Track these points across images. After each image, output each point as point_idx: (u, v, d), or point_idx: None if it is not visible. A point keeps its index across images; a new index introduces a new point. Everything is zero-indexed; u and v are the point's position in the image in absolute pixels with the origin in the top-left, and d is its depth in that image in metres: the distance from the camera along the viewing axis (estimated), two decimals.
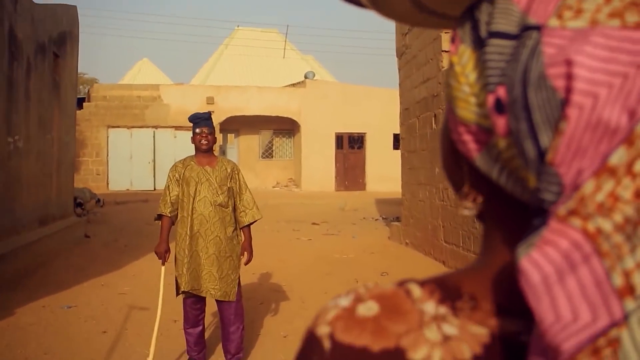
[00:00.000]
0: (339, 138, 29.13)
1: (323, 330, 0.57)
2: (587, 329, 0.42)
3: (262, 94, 28.31)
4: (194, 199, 5.18)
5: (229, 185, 5.29)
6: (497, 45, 0.52)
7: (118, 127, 25.90)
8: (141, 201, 21.94)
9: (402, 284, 0.58)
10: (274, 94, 28.52)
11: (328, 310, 0.58)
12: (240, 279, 5.47)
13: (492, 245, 0.58)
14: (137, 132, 26.57)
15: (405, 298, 0.56)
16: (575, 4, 0.48)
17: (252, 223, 5.40)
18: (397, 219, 17.25)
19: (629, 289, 0.41)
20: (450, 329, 0.54)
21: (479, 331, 0.53)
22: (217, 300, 5.29)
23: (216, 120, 26.98)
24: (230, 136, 29.84)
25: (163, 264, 5.24)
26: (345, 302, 0.58)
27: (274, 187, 29.69)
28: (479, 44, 0.54)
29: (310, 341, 0.58)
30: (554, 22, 0.48)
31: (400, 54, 13.15)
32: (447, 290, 0.57)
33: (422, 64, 11.26)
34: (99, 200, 16.78)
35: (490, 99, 0.51)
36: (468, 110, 0.55)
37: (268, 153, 30.52)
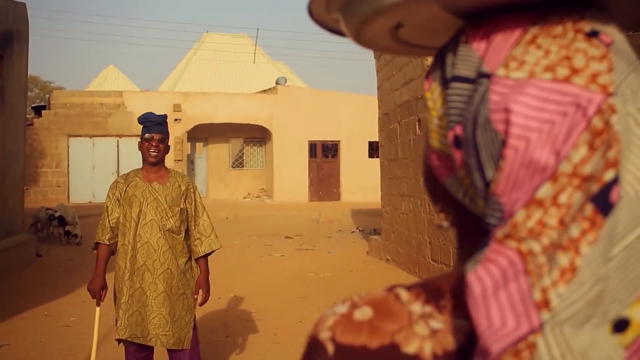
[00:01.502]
0: (312, 146, 28.39)
1: (325, 335, 0.64)
2: (512, 334, 0.51)
3: (232, 100, 27.39)
4: (137, 223, 4.23)
5: (182, 207, 4.35)
6: (457, 87, 0.60)
7: (79, 136, 24.72)
8: None
9: (391, 289, 0.66)
10: (244, 100, 27.63)
11: (327, 317, 0.66)
12: (196, 319, 4.47)
13: (462, 254, 0.68)
14: (99, 141, 25.49)
15: (394, 301, 0.64)
16: (520, 55, 0.57)
17: (209, 254, 4.46)
18: (375, 232, 16.49)
19: (545, 303, 0.51)
20: (436, 324, 0.62)
21: (461, 324, 0.61)
22: (168, 349, 4.28)
23: (184, 128, 25.99)
24: (199, 145, 28.91)
25: (98, 304, 4.19)
26: (342, 309, 0.65)
27: (245, 198, 28.88)
28: (444, 85, 0.63)
29: (314, 346, 0.65)
30: (501, 71, 0.57)
31: (378, 55, 12.22)
32: (430, 291, 0.65)
33: (404, 65, 10.33)
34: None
35: (450, 135, 0.61)
36: (438, 140, 0.65)
37: (238, 162, 29.70)
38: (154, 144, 4.18)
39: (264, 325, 7.21)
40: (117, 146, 25.65)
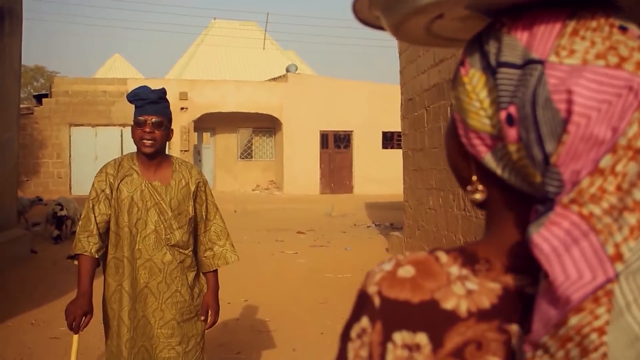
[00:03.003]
0: (324, 137, 27.41)
1: (372, 289, 0.73)
2: (590, 284, 0.60)
3: (241, 88, 26.40)
4: (136, 235, 3.30)
5: (191, 214, 3.41)
6: (505, 72, 0.69)
7: (82, 125, 23.75)
8: None
9: (431, 252, 0.75)
10: (253, 88, 26.63)
11: (375, 274, 0.75)
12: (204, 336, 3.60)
13: (496, 223, 0.76)
14: (102, 130, 24.53)
15: (435, 263, 0.73)
16: (568, 45, 0.66)
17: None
18: (393, 227, 15.59)
19: (619, 256, 0.60)
20: (472, 285, 0.71)
21: (494, 286, 0.71)
22: None
23: (190, 117, 25.08)
24: (206, 135, 28.04)
25: (76, 332, 3.22)
26: (388, 267, 0.74)
27: (253, 190, 27.99)
28: (488, 70, 0.71)
29: (363, 298, 0.74)
30: (553, 58, 0.66)
31: None
32: (466, 256, 0.74)
33: None
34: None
35: (503, 114, 0.69)
36: (478, 121, 0.73)
37: (247, 153, 28.79)
38: (147, 129, 3.21)
39: (281, 337, 6.28)
40: (121, 136, 24.70)
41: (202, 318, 3.42)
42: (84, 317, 3.14)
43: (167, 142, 3.38)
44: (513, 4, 0.70)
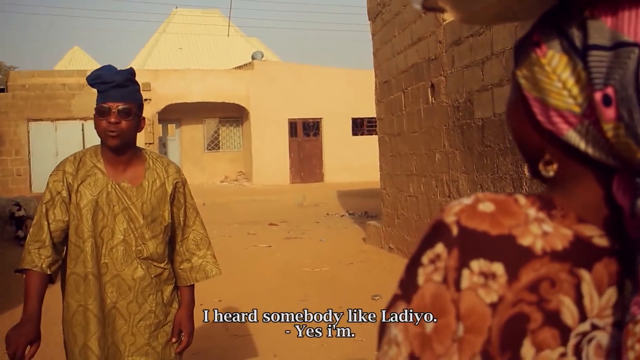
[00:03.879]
0: (293, 125, 26.84)
1: (451, 219, 0.76)
2: None
3: (205, 78, 25.67)
4: (100, 246, 2.75)
5: (167, 220, 2.87)
6: (597, 55, 0.70)
7: (40, 120, 22.74)
8: None
9: (510, 194, 0.78)
10: (219, 77, 25.92)
11: (453, 206, 0.77)
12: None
13: (570, 189, 0.78)
14: (62, 125, 23.55)
15: (514, 203, 0.76)
16: None
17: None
18: (367, 215, 15.18)
19: None
20: (547, 227, 0.74)
21: (566, 232, 0.74)
22: None
23: (154, 109, 24.33)
24: (171, 127, 27.26)
25: None
26: (467, 201, 0.77)
27: (222, 182, 27.35)
28: (573, 52, 0.73)
29: (439, 226, 0.76)
30: None
31: (374, 16, 10.74)
32: (544, 202, 0.77)
33: (410, 22, 8.83)
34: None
35: (598, 95, 0.70)
36: (561, 100, 0.75)
37: (214, 144, 28.10)
38: (113, 119, 2.64)
39: (261, 341, 5.79)
40: (82, 130, 23.75)
41: (174, 340, 2.89)
42: (28, 347, 2.58)
43: (137, 134, 2.83)
44: None
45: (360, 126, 27.12)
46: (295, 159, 26.86)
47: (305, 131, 27.13)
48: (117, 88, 2.66)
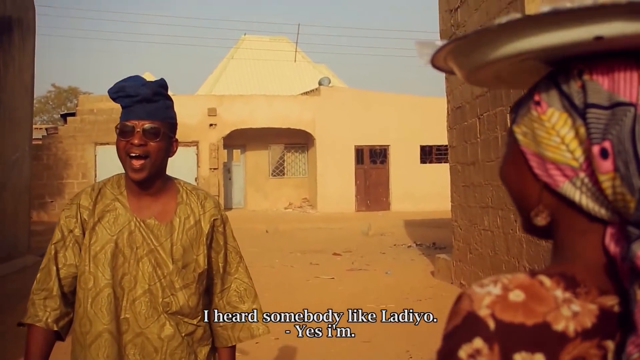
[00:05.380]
0: (359, 152, 26.36)
1: (484, 312, 0.76)
2: None
3: (272, 103, 25.51)
4: (121, 297, 2.23)
5: (202, 267, 2.33)
6: (594, 112, 0.78)
7: (107, 144, 22.83)
8: None
9: (533, 275, 0.80)
10: (285, 103, 25.72)
11: (482, 297, 0.78)
12: None
13: (571, 245, 0.84)
14: None
15: (540, 287, 0.78)
16: None
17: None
18: (435, 246, 14.51)
19: None
20: (575, 307, 0.77)
21: (592, 307, 0.77)
22: None
23: (219, 134, 24.23)
24: (236, 152, 27.14)
25: None
26: (495, 290, 0.78)
27: (286, 208, 27.00)
28: (573, 110, 0.80)
29: (473, 320, 0.77)
30: None
31: (447, 38, 10.15)
32: (568, 280, 0.79)
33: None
34: None
35: (596, 149, 0.77)
36: (559, 154, 0.81)
37: (279, 170, 27.81)
38: (137, 140, 2.15)
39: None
40: None
41: None
42: None
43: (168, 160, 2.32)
44: (577, 54, 0.81)
45: (429, 154, 26.44)
46: (361, 187, 26.35)
47: (372, 158, 26.62)
48: (143, 103, 2.16)
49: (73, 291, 2.25)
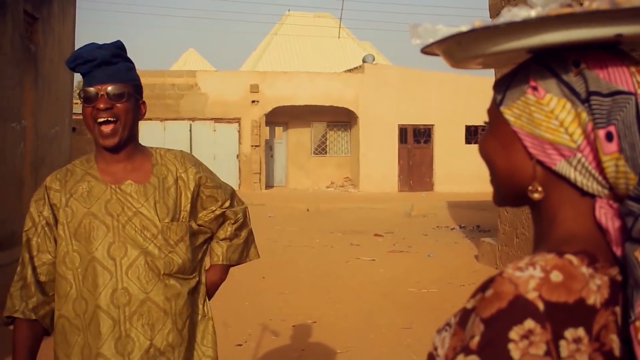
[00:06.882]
0: (403, 131, 25.95)
1: (532, 295, 0.80)
2: None
3: (314, 80, 25.20)
4: (114, 268, 2.07)
5: (191, 217, 2.25)
6: (596, 99, 0.86)
7: (150, 119, 22.79)
8: None
9: (560, 255, 0.85)
10: (328, 80, 25.39)
11: (526, 280, 0.81)
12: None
13: (564, 218, 0.92)
14: (171, 124, 23.77)
15: (571, 266, 0.83)
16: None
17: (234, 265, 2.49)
18: (480, 229, 14.14)
19: None
20: (598, 281, 0.84)
21: (605, 279, 0.84)
22: None
23: (262, 111, 24.07)
24: (278, 130, 26.94)
25: None
26: (537, 273, 0.82)
27: (327, 187, 26.77)
28: (574, 97, 0.88)
29: (522, 303, 0.80)
30: None
31: (496, 13, 9.75)
32: (589, 257, 0.85)
33: None
34: None
35: (602, 132, 0.85)
36: (557, 136, 0.88)
37: (321, 149, 27.52)
38: (102, 105, 2.02)
39: None
40: (190, 130, 23.98)
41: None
42: None
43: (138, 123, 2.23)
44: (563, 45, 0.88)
45: (475, 134, 25.88)
46: (404, 167, 26.00)
47: (416, 138, 26.20)
48: (102, 67, 2.05)
49: (52, 280, 2.10)
